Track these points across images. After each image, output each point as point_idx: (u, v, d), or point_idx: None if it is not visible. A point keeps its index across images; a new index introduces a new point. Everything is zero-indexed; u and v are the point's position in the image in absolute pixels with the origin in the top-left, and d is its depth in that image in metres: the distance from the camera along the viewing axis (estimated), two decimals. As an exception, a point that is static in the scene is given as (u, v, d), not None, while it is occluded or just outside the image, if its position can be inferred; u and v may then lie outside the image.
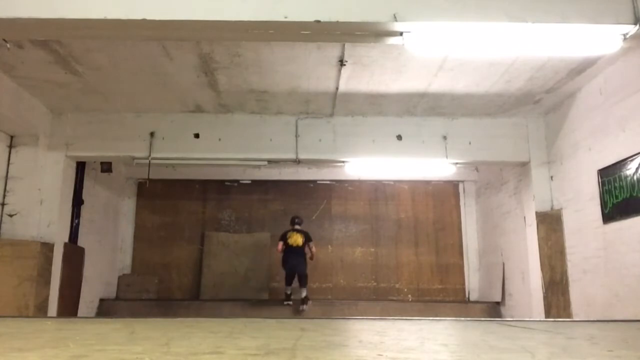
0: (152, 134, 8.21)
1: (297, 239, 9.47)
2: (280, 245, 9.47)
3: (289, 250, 9.45)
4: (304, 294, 9.54)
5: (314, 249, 9.61)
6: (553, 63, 6.49)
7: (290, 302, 9.57)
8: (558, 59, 6.31)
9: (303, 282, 9.53)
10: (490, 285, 10.67)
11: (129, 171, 10.84)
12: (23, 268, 7.26)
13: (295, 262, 9.45)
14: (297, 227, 9.64)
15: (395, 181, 11.64)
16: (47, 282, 7.60)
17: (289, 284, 9.60)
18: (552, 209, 7.99)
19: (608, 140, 6.59)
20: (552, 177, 8.09)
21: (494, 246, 10.55)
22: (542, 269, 7.83)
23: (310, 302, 9.61)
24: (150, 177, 8.55)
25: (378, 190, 11.71)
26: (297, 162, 8.40)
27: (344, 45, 6.02)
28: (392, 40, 4.73)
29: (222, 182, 11.59)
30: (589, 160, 7.02)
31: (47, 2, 4.31)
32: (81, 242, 8.89)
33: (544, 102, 7.83)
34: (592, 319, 6.44)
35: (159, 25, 4.44)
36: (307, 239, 9.55)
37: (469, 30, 4.60)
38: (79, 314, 8.74)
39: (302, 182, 11.55)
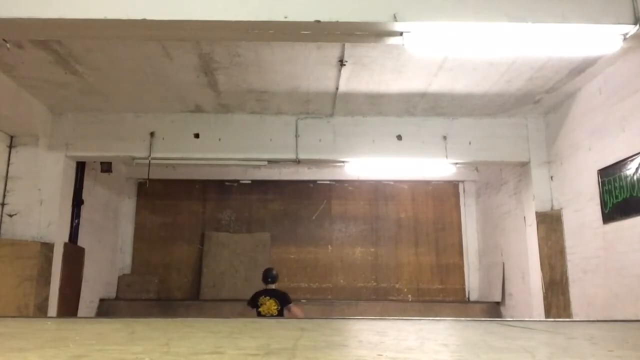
0: (152, 134, 8.21)
1: (270, 307, 7.33)
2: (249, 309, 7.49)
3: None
4: None
5: (298, 313, 7.42)
6: (553, 63, 6.49)
7: None
8: (558, 59, 6.31)
9: None
10: (490, 285, 10.67)
11: (129, 171, 10.85)
12: (23, 268, 7.26)
13: None
14: (270, 285, 7.58)
15: (395, 181, 11.64)
16: (47, 282, 7.60)
17: None
18: (552, 209, 7.99)
19: (608, 140, 6.60)
20: (552, 177, 8.10)
21: (494, 246, 10.55)
22: (542, 269, 7.83)
23: None
24: (150, 177, 8.55)
25: (378, 190, 11.71)
26: (297, 162, 8.39)
27: (344, 45, 6.02)
28: (392, 40, 4.73)
29: (222, 182, 11.59)
30: (589, 160, 7.02)
31: (47, 2, 4.31)
32: (81, 242, 8.89)
33: (544, 102, 7.83)
34: (592, 319, 6.44)
35: (159, 25, 4.44)
36: (284, 301, 7.43)
37: (468, 30, 4.60)
38: (79, 314, 8.74)
39: (302, 182, 11.55)
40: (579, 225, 7.28)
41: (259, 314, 7.28)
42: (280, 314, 7.30)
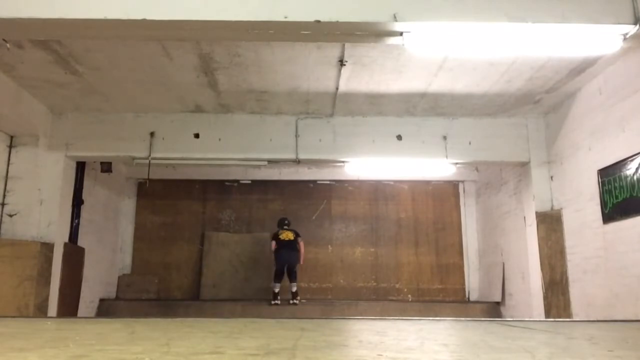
0: (152, 134, 8.21)
1: (288, 234, 9.88)
2: (274, 244, 9.83)
3: (281, 245, 9.76)
4: (294, 289, 9.77)
5: (302, 249, 9.89)
6: (553, 63, 6.49)
7: (279, 302, 9.64)
8: (558, 59, 6.31)
9: (293, 277, 9.76)
10: (490, 285, 10.67)
11: (129, 171, 10.84)
12: (23, 268, 7.26)
13: (288, 256, 9.72)
14: (285, 227, 10.02)
15: (395, 181, 11.64)
16: (47, 282, 7.60)
17: (278, 281, 9.75)
18: (552, 209, 7.99)
19: (608, 140, 6.59)
20: (552, 177, 8.09)
21: (494, 246, 10.55)
22: (542, 269, 7.83)
23: (299, 298, 9.84)
24: (150, 177, 8.55)
25: (378, 190, 11.71)
26: (297, 162, 8.40)
27: (344, 45, 6.02)
28: (392, 40, 4.73)
29: (222, 182, 11.59)
30: (589, 160, 7.02)
31: (47, 2, 4.31)
32: (81, 242, 8.89)
33: (544, 102, 7.83)
34: (592, 319, 6.44)
35: (159, 25, 4.44)
36: (297, 234, 9.95)
37: (468, 30, 4.60)
38: (79, 314, 8.74)
39: (302, 182, 11.55)
40: (579, 225, 7.27)
41: (279, 241, 9.82)
42: (295, 240, 9.86)
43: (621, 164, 6.30)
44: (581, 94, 7.29)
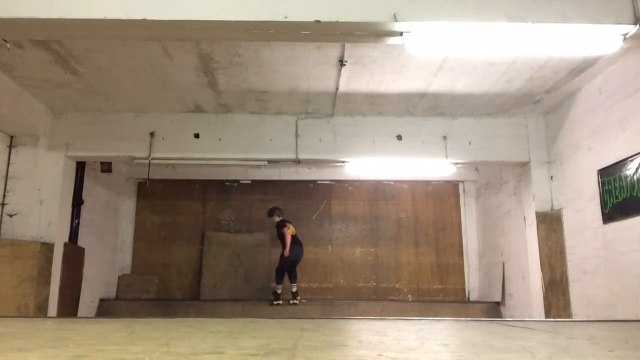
0: (152, 134, 8.21)
1: (294, 229, 9.71)
2: (289, 235, 9.46)
3: (291, 241, 9.55)
4: (294, 289, 9.74)
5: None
6: (553, 63, 6.49)
7: (280, 302, 9.62)
8: (558, 59, 6.31)
9: (294, 277, 9.74)
10: (490, 285, 10.67)
11: (129, 171, 10.85)
12: (23, 268, 7.26)
13: (296, 252, 9.57)
14: (283, 218, 9.90)
15: (395, 181, 11.64)
16: (47, 282, 7.60)
17: (280, 282, 9.69)
18: (552, 209, 7.99)
19: (608, 140, 6.60)
20: (552, 177, 8.10)
21: (494, 246, 10.55)
22: (542, 269, 7.83)
23: (299, 298, 9.83)
24: (150, 177, 8.55)
25: (378, 190, 11.71)
26: (297, 162, 8.40)
27: (344, 45, 6.02)
28: (392, 40, 4.73)
29: (222, 182, 11.59)
30: (589, 160, 7.02)
31: (47, 2, 4.31)
32: (81, 242, 8.89)
33: (544, 102, 7.83)
34: (592, 319, 6.44)
35: (159, 25, 4.44)
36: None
37: (468, 30, 4.60)
38: (79, 314, 8.74)
39: (302, 182, 11.55)
40: (579, 225, 7.27)
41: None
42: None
43: (621, 164, 6.30)
44: (581, 94, 7.29)
